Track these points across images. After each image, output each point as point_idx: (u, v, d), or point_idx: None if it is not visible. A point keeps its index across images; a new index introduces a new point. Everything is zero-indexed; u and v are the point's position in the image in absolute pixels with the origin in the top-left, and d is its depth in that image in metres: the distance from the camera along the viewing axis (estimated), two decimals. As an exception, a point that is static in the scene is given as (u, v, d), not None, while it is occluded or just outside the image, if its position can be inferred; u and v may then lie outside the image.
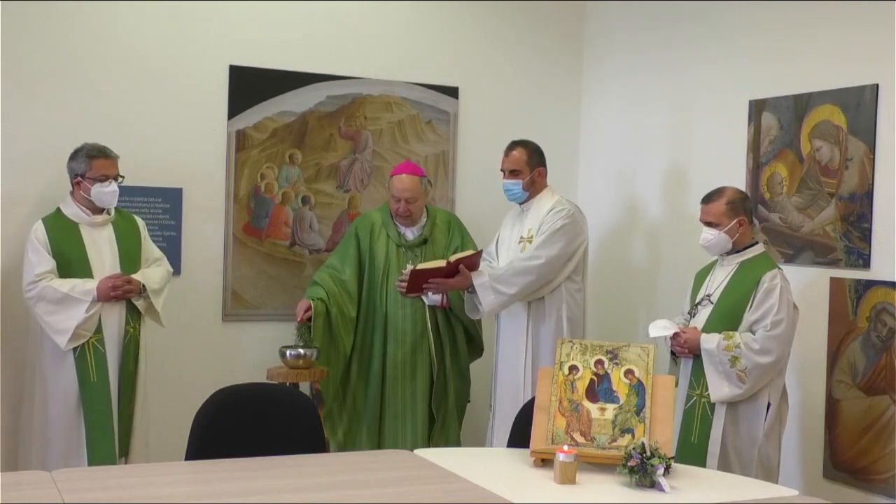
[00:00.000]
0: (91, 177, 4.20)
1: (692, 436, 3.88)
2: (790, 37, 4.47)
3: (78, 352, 4.17)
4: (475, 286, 4.41)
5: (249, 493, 2.76)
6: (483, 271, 4.44)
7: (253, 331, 5.05)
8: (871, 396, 4.07)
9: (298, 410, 3.40)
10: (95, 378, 4.18)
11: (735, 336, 3.81)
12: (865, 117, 4.10)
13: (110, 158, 4.26)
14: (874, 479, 4.05)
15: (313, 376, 4.82)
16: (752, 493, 3.05)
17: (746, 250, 3.96)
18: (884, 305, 4.03)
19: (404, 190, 4.71)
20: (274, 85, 5.04)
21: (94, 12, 4.69)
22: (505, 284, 4.39)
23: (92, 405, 4.17)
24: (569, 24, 5.73)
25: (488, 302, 4.40)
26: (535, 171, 4.59)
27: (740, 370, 3.76)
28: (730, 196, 3.96)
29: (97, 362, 4.18)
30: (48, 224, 4.23)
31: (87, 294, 4.14)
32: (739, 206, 3.94)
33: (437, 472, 3.05)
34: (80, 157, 4.23)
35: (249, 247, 5.05)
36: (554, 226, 4.46)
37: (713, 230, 3.94)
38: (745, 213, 3.95)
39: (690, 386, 3.93)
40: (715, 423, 3.84)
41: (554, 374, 3.29)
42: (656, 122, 5.25)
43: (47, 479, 2.81)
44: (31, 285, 4.15)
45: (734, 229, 3.93)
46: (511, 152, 4.61)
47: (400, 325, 4.69)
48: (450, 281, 4.44)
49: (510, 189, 4.61)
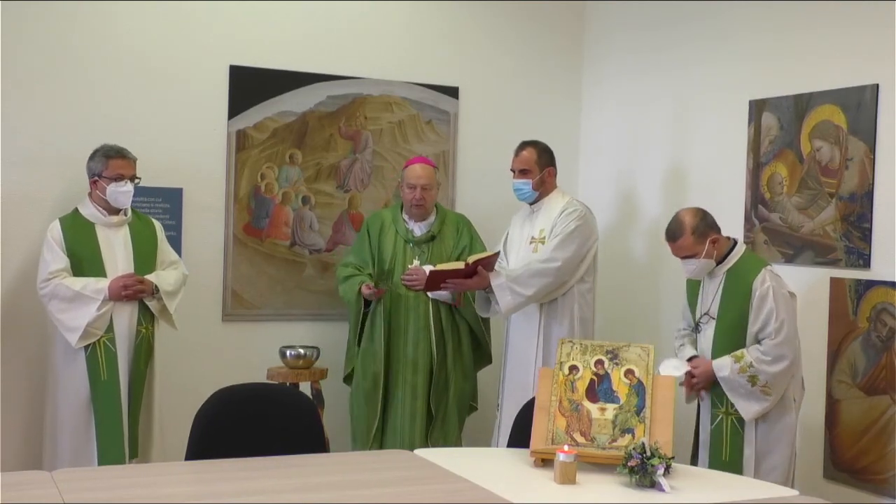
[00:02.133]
0: (107, 176, 4.23)
1: (723, 454, 3.83)
2: (790, 37, 4.47)
3: (89, 351, 4.19)
4: (493, 287, 4.41)
5: (249, 494, 2.76)
6: (501, 272, 4.45)
7: (253, 331, 5.06)
8: (871, 396, 4.07)
9: (299, 410, 3.40)
10: (106, 377, 4.20)
11: (745, 355, 3.77)
12: (865, 117, 4.10)
13: (127, 159, 4.29)
14: (874, 479, 4.05)
15: (313, 376, 4.83)
16: (751, 493, 3.05)
17: (729, 257, 3.92)
18: (884, 305, 4.03)
19: (419, 177, 4.75)
20: (274, 85, 5.04)
21: (94, 12, 4.69)
22: (522, 286, 4.41)
23: (102, 404, 4.19)
24: (569, 23, 5.73)
25: (505, 303, 4.41)
26: (545, 170, 4.61)
27: (762, 386, 3.75)
28: (691, 225, 3.87)
29: (108, 361, 4.20)
30: (65, 223, 4.26)
31: (98, 293, 4.16)
32: (703, 227, 3.87)
33: (438, 473, 3.05)
34: (98, 157, 4.27)
35: (250, 247, 5.05)
36: (567, 228, 4.47)
37: (693, 260, 3.90)
38: (712, 230, 3.89)
39: (714, 405, 3.89)
40: (747, 437, 3.80)
41: (554, 374, 3.29)
42: (656, 121, 5.25)
43: (47, 479, 2.81)
44: (45, 283, 4.19)
45: (710, 251, 3.87)
46: (521, 152, 4.63)
47: (402, 319, 4.69)
48: (468, 281, 4.44)
49: (520, 188, 4.62)
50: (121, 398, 4.22)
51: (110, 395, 4.20)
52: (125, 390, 4.24)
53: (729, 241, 3.96)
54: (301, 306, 5.15)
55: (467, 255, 4.83)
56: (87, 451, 4.19)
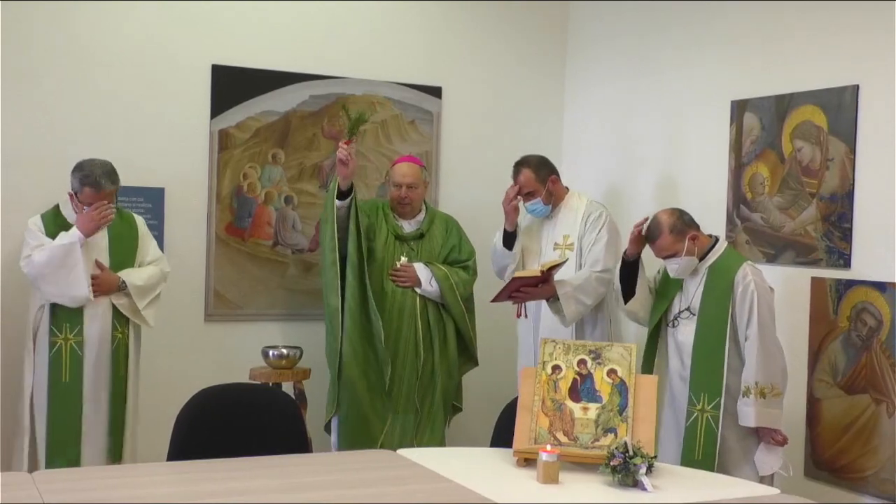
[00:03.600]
0: (80, 200, 4.16)
1: (696, 452, 3.83)
2: (772, 38, 4.50)
3: (53, 350, 4.15)
4: (560, 296, 4.40)
5: (232, 494, 2.75)
6: (565, 281, 4.43)
7: (236, 331, 5.04)
8: (851, 395, 4.10)
9: (281, 410, 3.40)
10: (67, 379, 4.15)
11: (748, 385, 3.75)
12: (846, 118, 4.13)
13: (100, 191, 4.11)
14: (854, 478, 4.08)
15: (296, 376, 4.82)
16: (733, 491, 3.07)
17: (710, 253, 3.95)
18: (864, 305, 4.05)
19: (405, 175, 4.75)
20: (257, 84, 5.03)
21: (76, 12, 4.66)
22: (586, 295, 4.42)
23: (59, 406, 4.14)
24: (552, 24, 5.74)
25: (570, 311, 4.41)
26: (549, 182, 4.59)
27: (774, 395, 3.77)
28: (668, 224, 3.91)
29: (72, 364, 4.16)
30: (46, 219, 4.23)
31: (71, 236, 4.07)
32: (681, 226, 3.91)
33: (421, 472, 3.05)
34: (76, 176, 4.15)
35: (232, 247, 5.03)
36: (602, 237, 4.50)
37: (675, 259, 3.92)
38: (690, 227, 3.92)
39: (690, 402, 3.90)
40: (720, 435, 3.80)
41: (537, 374, 3.30)
42: (639, 122, 5.27)
43: (27, 480, 2.79)
44: (26, 258, 4.14)
45: (691, 248, 3.90)
46: (518, 177, 4.60)
47: (387, 315, 4.67)
48: (537, 290, 4.42)
49: (534, 209, 4.62)
50: (81, 402, 4.16)
51: (70, 399, 4.15)
52: (89, 395, 4.18)
53: (710, 238, 3.98)
54: (284, 306, 5.13)
55: (456, 254, 4.84)
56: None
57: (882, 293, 3.98)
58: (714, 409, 3.82)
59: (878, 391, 3.99)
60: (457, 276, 4.76)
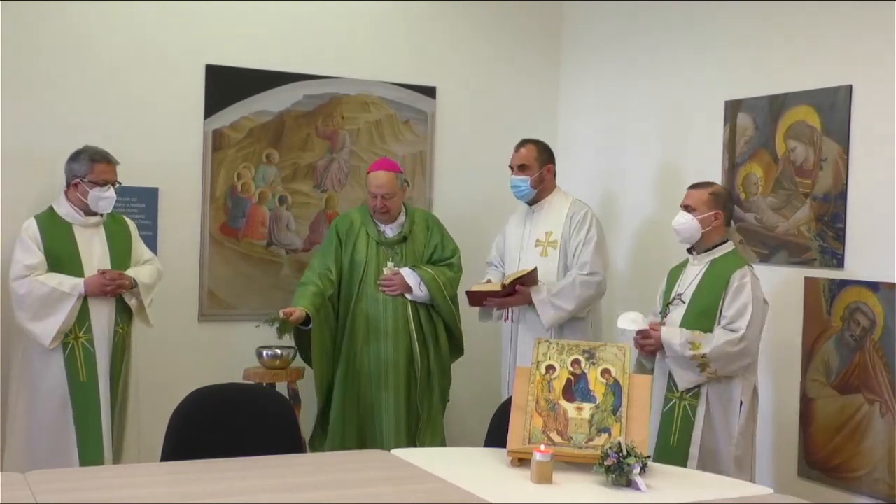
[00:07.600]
0: (91, 180, 4.18)
1: (671, 439, 3.87)
2: (765, 38, 4.51)
3: (68, 351, 4.15)
4: (535, 303, 4.42)
5: (225, 494, 2.74)
6: (542, 287, 4.44)
7: (229, 331, 5.03)
8: (844, 395, 4.11)
9: (275, 411, 3.40)
10: (85, 378, 4.16)
11: (701, 346, 3.79)
12: (839, 118, 4.13)
13: (112, 164, 4.25)
14: (848, 478, 4.08)
15: (290, 376, 4.82)
16: (727, 492, 3.07)
17: (717, 248, 3.98)
18: (857, 305, 4.06)
19: (380, 186, 4.71)
20: (251, 84, 5.02)
21: (69, 11, 4.65)
22: (564, 300, 4.43)
23: (82, 405, 4.15)
24: (546, 24, 5.75)
25: (548, 317, 4.42)
26: (545, 167, 4.60)
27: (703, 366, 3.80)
28: (716, 189, 4.03)
29: (87, 362, 4.17)
30: (41, 222, 4.21)
31: (74, 288, 4.12)
32: (721, 200, 3.98)
33: (415, 472, 3.05)
34: (83, 159, 4.20)
35: (226, 247, 5.03)
36: (591, 238, 4.50)
37: (687, 215, 3.97)
38: (723, 209, 3.98)
39: (669, 389, 3.93)
40: (696, 424, 3.84)
41: (531, 374, 3.30)
42: (633, 122, 5.27)
43: (20, 480, 2.78)
44: (20, 279, 4.12)
45: (708, 220, 3.94)
46: (520, 149, 4.63)
47: (381, 322, 4.68)
48: (509, 299, 4.46)
49: (518, 185, 4.60)
50: (100, 399, 4.18)
51: (90, 396, 4.16)
52: (105, 391, 4.21)
53: (726, 232, 4.04)
54: (278, 306, 5.08)
55: (440, 253, 4.83)
56: (66, 453, 4.14)
57: (875, 293, 3.99)
58: (692, 397, 3.84)
59: (871, 391, 4.00)
60: (443, 276, 4.75)
